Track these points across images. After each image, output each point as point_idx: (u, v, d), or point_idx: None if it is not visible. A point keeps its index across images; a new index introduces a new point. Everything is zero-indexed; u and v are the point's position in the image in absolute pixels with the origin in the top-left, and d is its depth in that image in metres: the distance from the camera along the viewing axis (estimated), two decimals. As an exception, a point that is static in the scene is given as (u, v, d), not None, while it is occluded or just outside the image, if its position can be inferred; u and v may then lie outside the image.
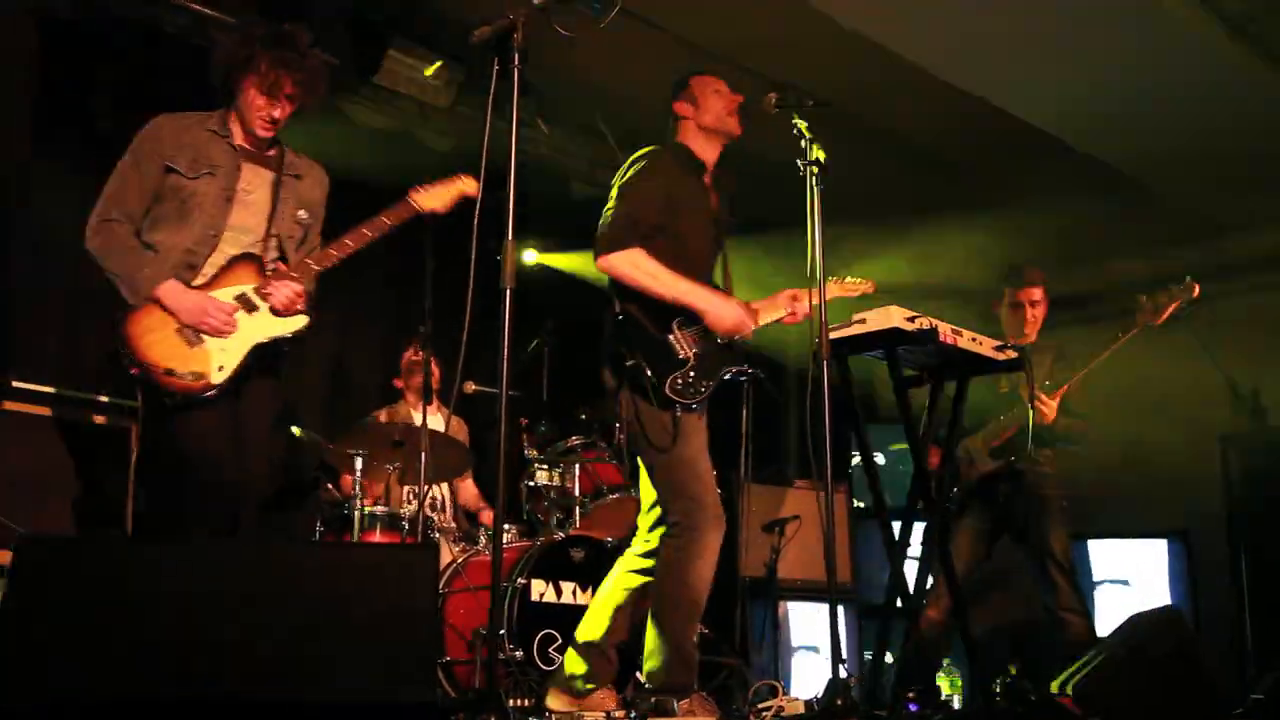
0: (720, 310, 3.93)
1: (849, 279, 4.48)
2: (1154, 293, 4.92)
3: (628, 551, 4.12)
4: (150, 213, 3.81)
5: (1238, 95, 6.34)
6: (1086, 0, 5.58)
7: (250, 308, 3.82)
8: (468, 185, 4.10)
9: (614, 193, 4.00)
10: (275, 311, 3.85)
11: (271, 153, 4.00)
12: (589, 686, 4.01)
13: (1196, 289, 4.86)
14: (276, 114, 3.87)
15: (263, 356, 3.85)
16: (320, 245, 4.06)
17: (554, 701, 4.04)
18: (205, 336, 3.73)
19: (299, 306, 3.89)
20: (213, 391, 3.71)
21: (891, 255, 7.66)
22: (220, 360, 3.74)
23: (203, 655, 2.45)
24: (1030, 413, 4.87)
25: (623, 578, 4.06)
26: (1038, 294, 5.27)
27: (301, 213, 4.02)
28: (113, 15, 5.88)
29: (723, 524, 3.88)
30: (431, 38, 6.52)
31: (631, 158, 4.07)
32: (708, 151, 4.17)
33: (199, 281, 3.78)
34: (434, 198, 4.08)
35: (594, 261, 3.95)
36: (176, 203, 3.79)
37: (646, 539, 4.04)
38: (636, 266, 3.87)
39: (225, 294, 3.79)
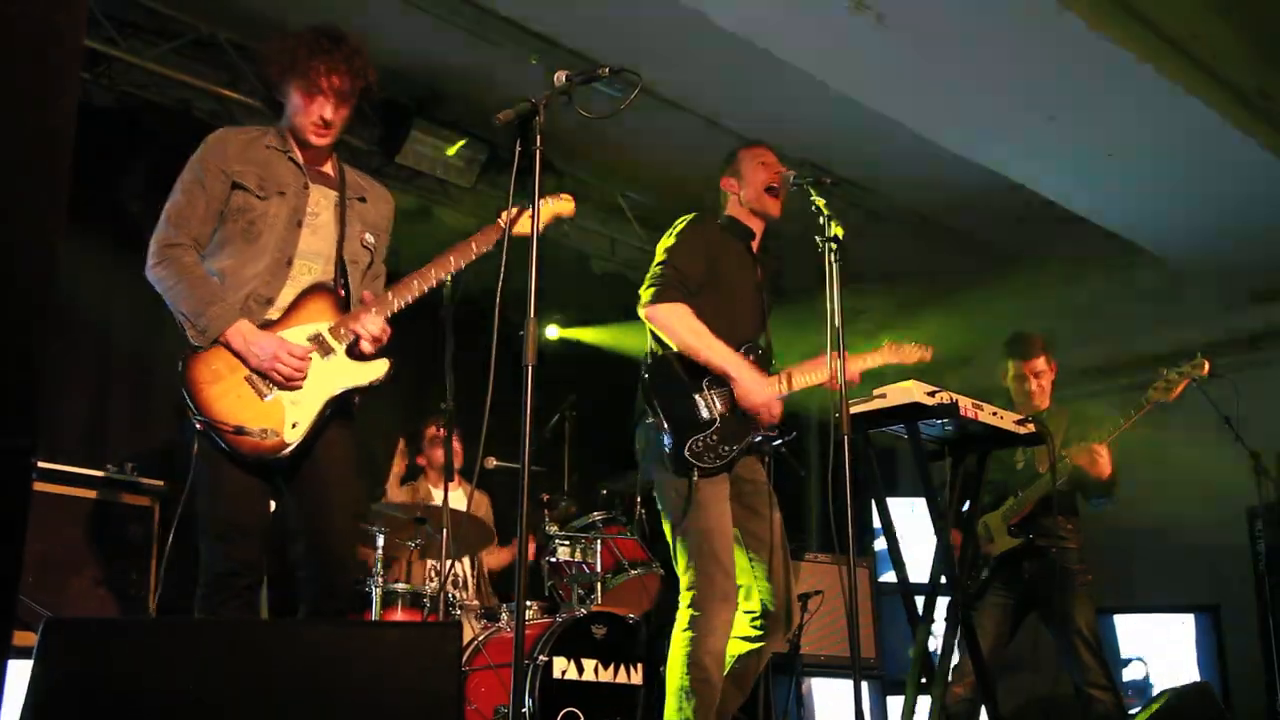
0: (751, 384, 3.86)
1: (905, 345, 4.36)
2: (1166, 370, 4.92)
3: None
4: (215, 235, 3.44)
5: (1254, 171, 6.38)
6: (1103, 78, 5.65)
7: (325, 350, 3.44)
8: (565, 206, 3.87)
9: (660, 250, 4.03)
10: (353, 354, 3.49)
11: (332, 171, 3.68)
12: None
13: (1207, 366, 4.85)
14: (328, 114, 3.52)
15: (340, 408, 3.48)
16: (384, 274, 3.77)
17: None
18: (277, 389, 3.35)
19: (383, 343, 3.54)
20: (287, 451, 3.32)
21: (912, 329, 7.69)
22: (294, 415, 3.35)
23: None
24: (1052, 487, 4.87)
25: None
26: (1040, 364, 5.27)
27: (368, 236, 3.69)
28: (143, 100, 6.03)
29: (731, 602, 3.79)
30: (454, 119, 6.63)
31: (676, 222, 4.10)
32: (752, 226, 4.23)
33: (272, 315, 3.40)
34: (528, 218, 3.42)
35: (640, 311, 3.91)
36: (244, 224, 3.41)
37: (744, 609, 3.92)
38: (680, 320, 3.85)
39: (298, 333, 3.41)
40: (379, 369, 3.57)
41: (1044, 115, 5.98)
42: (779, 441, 4.06)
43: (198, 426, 3.26)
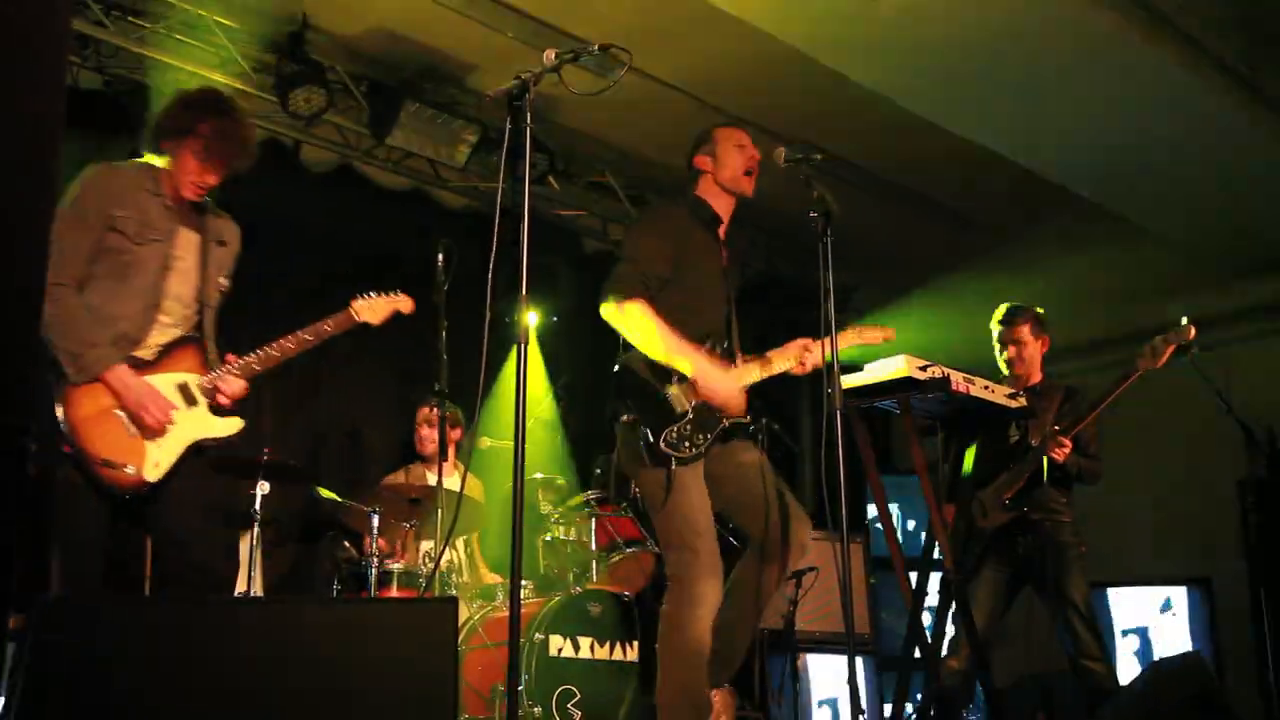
0: (712, 380, 3.86)
1: (866, 328, 4.45)
2: (1153, 338, 4.95)
3: None
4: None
5: (1241, 142, 6.39)
6: (1090, 54, 5.65)
7: (190, 401, 3.71)
8: (403, 303, 4.25)
9: (623, 242, 4.05)
10: (213, 409, 3.75)
11: (195, 213, 3.85)
12: None
13: (1193, 331, 4.89)
14: (211, 180, 3.78)
15: (196, 453, 3.72)
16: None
17: None
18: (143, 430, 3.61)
19: (239, 400, 3.82)
20: (147, 489, 3.57)
21: (907, 308, 7.72)
22: (157, 456, 3.60)
23: (224, 716, 2.45)
24: (1045, 460, 4.90)
25: None
26: (1022, 333, 5.31)
27: (223, 280, 3.92)
28: (132, 82, 6.01)
29: (717, 573, 3.84)
30: (445, 99, 6.62)
31: (643, 210, 4.10)
32: (723, 208, 4.18)
33: (143, 355, 3.64)
34: (372, 311, 4.14)
35: (601, 311, 3.92)
36: (117, 264, 3.61)
37: None
38: (638, 322, 3.84)
39: (166, 380, 3.67)
40: (235, 425, 3.83)
41: (1029, 88, 5.98)
42: (751, 429, 4.08)
43: (65, 449, 3.46)
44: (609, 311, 3.87)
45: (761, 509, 3.97)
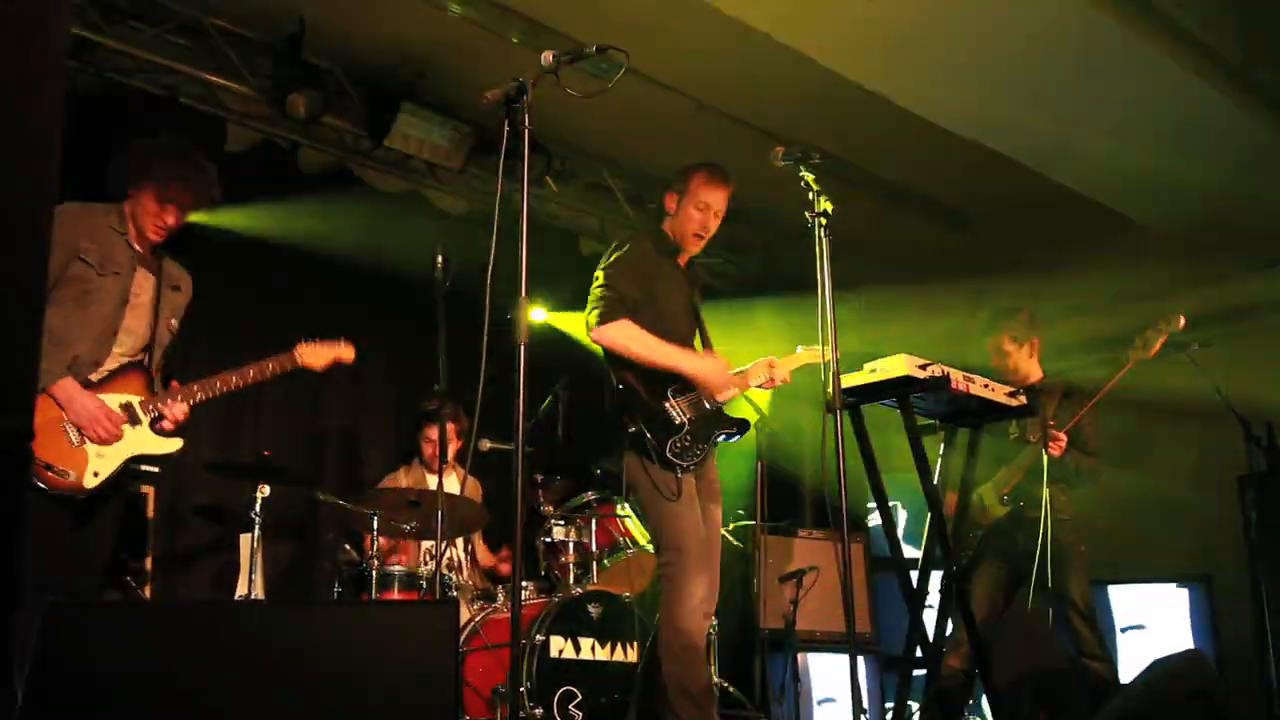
0: (707, 372, 4.23)
1: (814, 346, 4.53)
2: (1144, 329, 4.98)
3: None
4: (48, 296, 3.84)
5: (1240, 140, 6.39)
6: (1089, 53, 5.65)
7: (134, 420, 3.97)
8: (345, 352, 4.55)
9: (599, 274, 4.26)
10: (156, 429, 4.01)
11: (154, 258, 4.15)
12: None
13: (1182, 320, 4.92)
14: (170, 221, 4.06)
15: (129, 469, 3.98)
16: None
17: None
18: (88, 440, 3.84)
19: (181, 424, 4.08)
20: (84, 495, 3.80)
21: (908, 308, 7.71)
22: (97, 466, 3.85)
23: (225, 718, 2.46)
24: (1044, 455, 4.90)
25: None
26: (1003, 344, 5.36)
27: (174, 322, 4.20)
28: (130, 86, 6.00)
29: (706, 574, 4.07)
30: (442, 101, 6.61)
31: (613, 244, 4.36)
32: (684, 242, 4.44)
33: (94, 377, 3.90)
34: (316, 356, 4.44)
35: (588, 335, 4.19)
36: (78, 292, 3.87)
37: None
38: (629, 336, 4.13)
39: (113, 399, 3.93)
40: (174, 444, 4.09)
41: (1025, 84, 5.98)
42: (737, 437, 4.40)
43: None
44: (598, 334, 4.17)
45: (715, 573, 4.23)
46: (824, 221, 3.75)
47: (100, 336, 3.92)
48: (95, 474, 3.83)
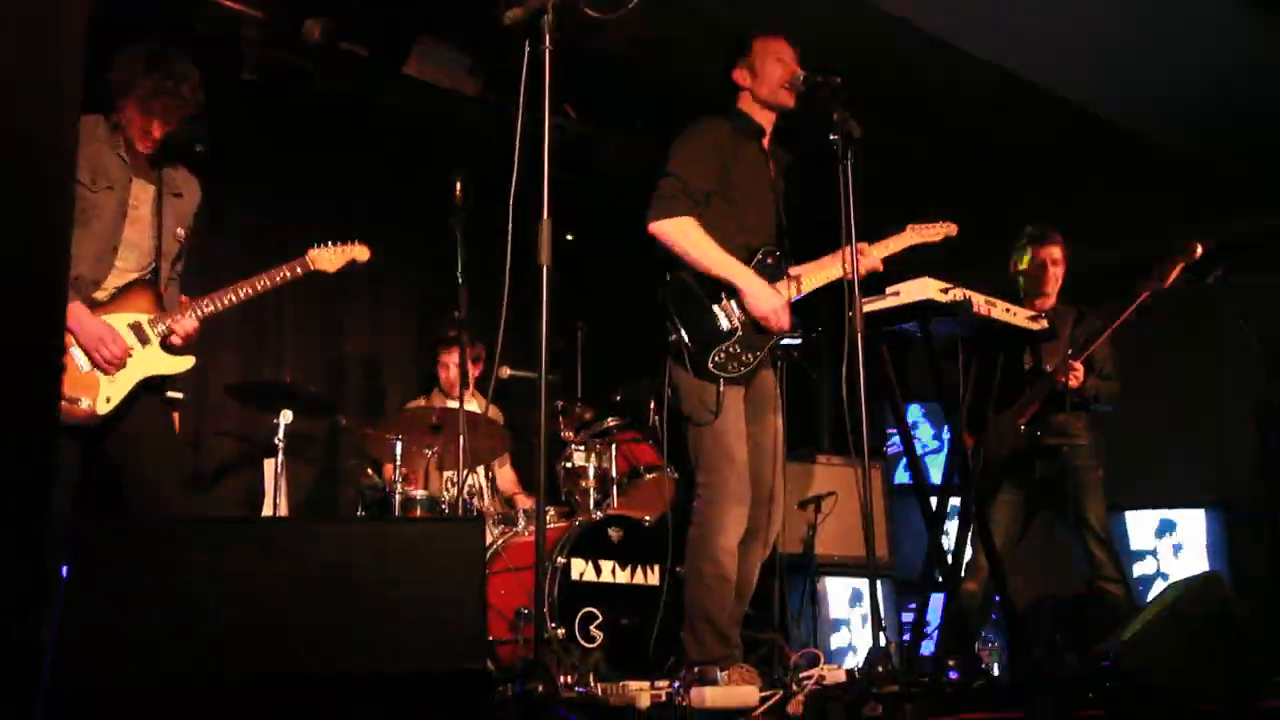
0: (757, 292, 3.91)
1: (925, 226, 4.44)
2: (1160, 258, 4.95)
3: None
4: None
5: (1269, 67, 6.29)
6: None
7: (143, 340, 3.87)
8: (359, 253, 4.44)
9: (669, 159, 3.98)
10: (167, 347, 3.92)
11: (151, 165, 4.03)
12: None
13: (1199, 249, 4.89)
14: (156, 133, 3.93)
15: (147, 389, 3.87)
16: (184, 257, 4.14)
17: None
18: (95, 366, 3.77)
19: (193, 340, 3.99)
20: (97, 421, 3.74)
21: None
22: (109, 391, 3.77)
23: (259, 633, 2.49)
24: (1065, 381, 4.90)
25: None
26: (1058, 252, 5.29)
27: (180, 230, 4.07)
28: (145, 16, 5.95)
29: (743, 501, 3.88)
30: (460, 27, 6.54)
31: (687, 126, 4.05)
32: (765, 120, 4.17)
33: (98, 296, 3.82)
34: (327, 260, 4.32)
35: (646, 226, 3.93)
36: (75, 211, 3.73)
37: None
38: (684, 235, 3.87)
39: (120, 319, 3.84)
40: (186, 362, 3.99)
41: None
42: (798, 344, 4.08)
43: None
44: (655, 228, 3.90)
45: (766, 485, 4.05)
46: (849, 144, 3.71)
47: (99, 254, 3.82)
48: (108, 399, 3.76)
